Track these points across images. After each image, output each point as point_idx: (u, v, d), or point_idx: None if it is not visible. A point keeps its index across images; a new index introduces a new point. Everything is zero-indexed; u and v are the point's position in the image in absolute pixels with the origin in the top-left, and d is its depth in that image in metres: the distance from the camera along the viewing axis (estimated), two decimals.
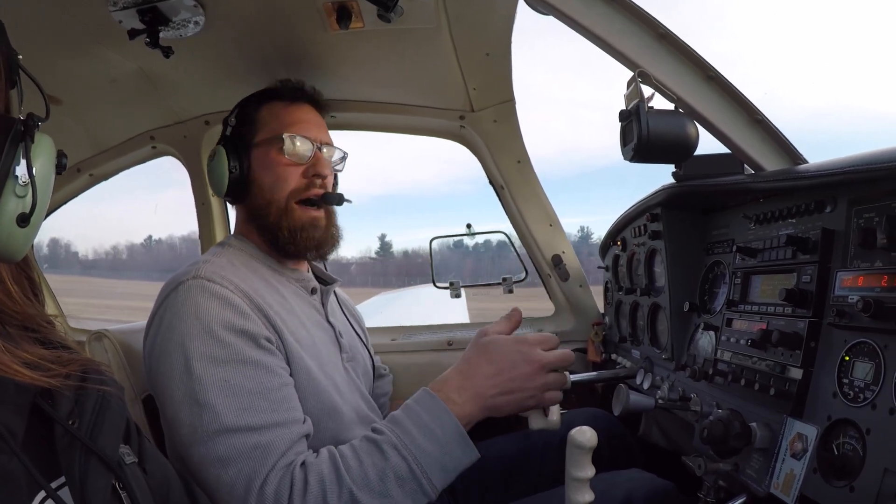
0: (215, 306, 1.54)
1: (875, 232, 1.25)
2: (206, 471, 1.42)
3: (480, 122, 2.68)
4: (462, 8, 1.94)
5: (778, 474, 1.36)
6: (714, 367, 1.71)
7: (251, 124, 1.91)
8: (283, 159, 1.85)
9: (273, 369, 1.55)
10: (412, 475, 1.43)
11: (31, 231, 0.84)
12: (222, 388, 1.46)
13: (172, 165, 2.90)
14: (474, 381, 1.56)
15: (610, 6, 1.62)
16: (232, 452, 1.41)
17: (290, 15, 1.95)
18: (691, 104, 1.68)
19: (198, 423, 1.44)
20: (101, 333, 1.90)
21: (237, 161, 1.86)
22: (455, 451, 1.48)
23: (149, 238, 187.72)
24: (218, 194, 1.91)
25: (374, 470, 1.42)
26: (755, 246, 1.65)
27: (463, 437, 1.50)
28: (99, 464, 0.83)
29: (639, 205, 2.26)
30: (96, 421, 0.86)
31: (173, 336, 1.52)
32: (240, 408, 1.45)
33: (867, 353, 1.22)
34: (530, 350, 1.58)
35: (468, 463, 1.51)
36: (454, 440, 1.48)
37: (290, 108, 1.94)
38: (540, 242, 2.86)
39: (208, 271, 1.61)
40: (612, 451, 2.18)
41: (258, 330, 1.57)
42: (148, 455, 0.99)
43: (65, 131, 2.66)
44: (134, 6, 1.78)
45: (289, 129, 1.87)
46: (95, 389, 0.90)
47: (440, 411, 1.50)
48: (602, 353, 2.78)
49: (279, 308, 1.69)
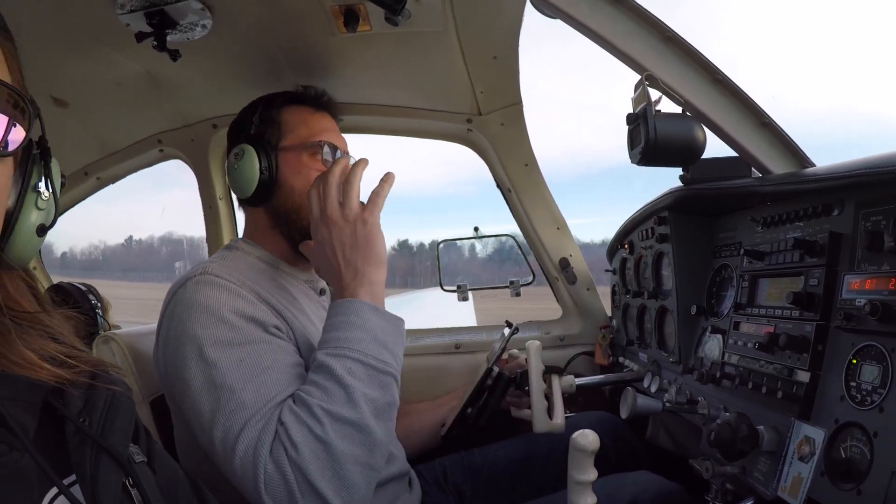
0: (224, 296, 1.56)
1: (882, 235, 1.24)
2: (223, 453, 1.42)
3: (488, 125, 2.68)
4: (469, 11, 1.94)
5: (785, 477, 1.35)
6: (721, 370, 1.71)
7: (276, 127, 1.90)
8: (318, 165, 1.86)
9: (286, 349, 1.58)
10: (359, 363, 1.45)
11: (43, 240, 0.91)
12: (237, 367, 1.47)
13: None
14: (336, 272, 1.59)
15: (617, 9, 1.62)
16: (245, 427, 1.41)
17: (297, 18, 1.95)
18: (699, 107, 1.68)
19: (217, 405, 1.44)
20: (109, 336, 1.91)
21: (266, 162, 1.85)
22: (378, 323, 1.52)
23: (129, 238, 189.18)
24: (241, 195, 1.90)
25: (328, 381, 1.43)
26: (762, 249, 1.65)
27: (376, 310, 1.54)
28: (110, 461, 0.83)
29: (646, 208, 2.25)
30: (106, 419, 0.88)
31: (184, 328, 1.53)
32: (258, 383, 1.46)
33: (874, 357, 1.22)
34: (315, 220, 1.64)
35: (399, 329, 1.58)
36: (371, 316, 1.52)
37: (315, 115, 1.95)
38: (547, 245, 2.85)
39: (215, 269, 1.62)
40: (620, 454, 2.17)
41: (266, 318, 1.58)
42: (156, 455, 1.00)
43: (72, 134, 2.67)
44: (141, 9, 1.79)
45: (321, 136, 1.89)
46: (105, 388, 0.91)
47: (343, 304, 1.54)
48: (609, 357, 2.77)
49: (287, 304, 1.71)
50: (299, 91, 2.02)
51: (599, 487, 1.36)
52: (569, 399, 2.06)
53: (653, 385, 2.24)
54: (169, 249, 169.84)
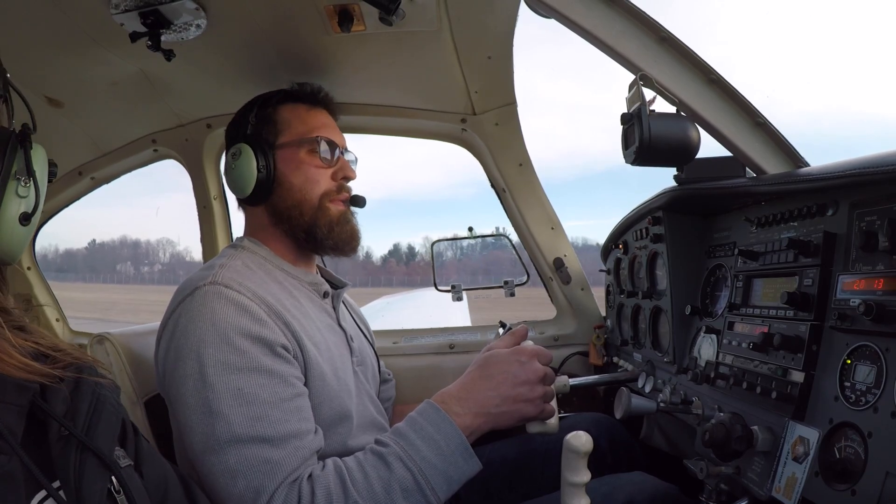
0: (232, 313, 1.54)
1: (877, 235, 1.24)
2: (216, 481, 1.42)
3: (482, 125, 2.68)
4: (463, 11, 1.94)
5: (780, 478, 1.35)
6: (716, 370, 1.71)
7: (272, 125, 1.90)
8: (315, 161, 1.87)
9: (287, 379, 1.55)
10: (417, 487, 1.43)
11: (30, 231, 0.90)
12: (235, 396, 1.46)
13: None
14: (476, 393, 1.57)
15: (611, 9, 1.62)
16: (242, 465, 1.41)
17: (291, 18, 1.95)
18: (693, 107, 1.68)
19: (209, 431, 1.44)
20: (104, 336, 1.90)
21: (263, 160, 1.85)
22: (459, 462, 1.49)
23: (92, 241, 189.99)
24: (239, 194, 1.90)
25: (379, 483, 1.42)
26: (757, 249, 1.65)
27: (466, 449, 1.50)
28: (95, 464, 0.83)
29: (640, 208, 2.26)
30: (91, 421, 0.88)
31: (188, 342, 1.52)
32: (252, 417, 1.45)
33: (869, 357, 1.22)
34: (529, 361, 1.60)
35: (471, 474, 1.52)
36: (458, 452, 1.49)
37: (311, 111, 1.95)
38: (542, 245, 2.85)
39: (225, 277, 1.61)
40: (615, 455, 2.17)
41: (274, 337, 1.57)
42: (145, 456, 1.00)
43: (66, 134, 2.66)
44: (135, 9, 1.78)
45: (318, 132, 1.89)
46: (90, 389, 0.91)
47: (444, 423, 1.51)
48: (604, 357, 2.77)
49: (296, 312, 1.69)
50: (295, 89, 2.02)
51: (595, 488, 1.36)
52: (563, 399, 2.06)
53: (647, 385, 2.24)
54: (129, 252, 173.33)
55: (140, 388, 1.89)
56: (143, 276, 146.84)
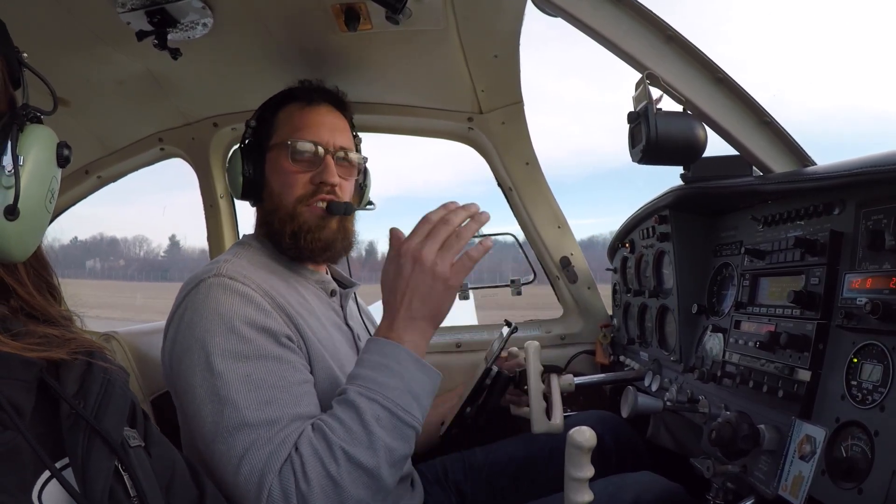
0: (236, 302, 1.54)
1: (883, 234, 1.24)
2: (225, 467, 1.42)
3: (489, 123, 2.68)
4: (470, 10, 1.94)
5: (786, 476, 1.35)
6: (722, 369, 1.71)
7: (268, 127, 1.90)
8: (291, 165, 1.82)
9: (295, 365, 1.56)
10: (388, 412, 1.44)
11: (26, 226, 0.83)
12: (244, 382, 1.46)
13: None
14: (394, 310, 1.56)
15: (618, 8, 1.62)
16: (250, 447, 1.41)
17: (298, 17, 1.95)
18: (699, 106, 1.68)
19: (219, 419, 1.44)
20: (110, 335, 1.91)
21: (251, 164, 1.85)
22: (416, 375, 1.50)
23: (74, 238, 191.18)
24: (235, 196, 1.93)
25: (353, 422, 1.42)
26: (763, 248, 1.65)
27: (417, 361, 1.51)
28: (102, 445, 0.83)
29: (647, 207, 2.25)
30: (101, 402, 0.87)
31: (194, 333, 1.52)
32: (262, 401, 1.45)
33: (875, 355, 1.22)
34: (407, 251, 1.54)
35: (435, 384, 1.54)
36: (412, 366, 1.50)
37: (304, 110, 1.90)
38: (548, 244, 2.85)
39: (229, 270, 1.61)
40: (621, 454, 2.17)
41: (279, 328, 1.57)
42: (154, 439, 0.99)
43: (73, 133, 2.66)
44: (142, 8, 1.78)
45: (297, 134, 1.83)
46: (101, 372, 0.90)
47: (386, 346, 1.52)
48: (610, 355, 2.77)
49: (300, 308, 1.69)
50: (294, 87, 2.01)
51: (602, 488, 1.36)
52: (569, 398, 2.06)
53: (653, 384, 2.23)
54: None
55: (147, 386, 1.89)
56: (111, 273, 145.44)
